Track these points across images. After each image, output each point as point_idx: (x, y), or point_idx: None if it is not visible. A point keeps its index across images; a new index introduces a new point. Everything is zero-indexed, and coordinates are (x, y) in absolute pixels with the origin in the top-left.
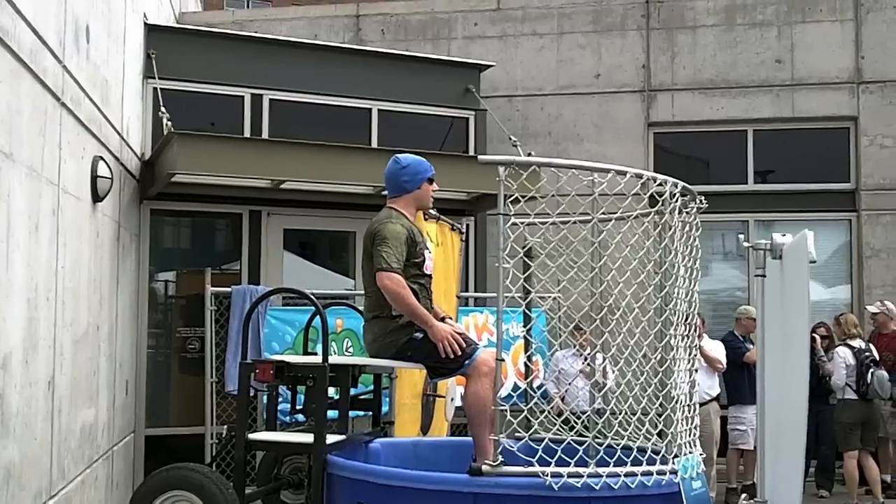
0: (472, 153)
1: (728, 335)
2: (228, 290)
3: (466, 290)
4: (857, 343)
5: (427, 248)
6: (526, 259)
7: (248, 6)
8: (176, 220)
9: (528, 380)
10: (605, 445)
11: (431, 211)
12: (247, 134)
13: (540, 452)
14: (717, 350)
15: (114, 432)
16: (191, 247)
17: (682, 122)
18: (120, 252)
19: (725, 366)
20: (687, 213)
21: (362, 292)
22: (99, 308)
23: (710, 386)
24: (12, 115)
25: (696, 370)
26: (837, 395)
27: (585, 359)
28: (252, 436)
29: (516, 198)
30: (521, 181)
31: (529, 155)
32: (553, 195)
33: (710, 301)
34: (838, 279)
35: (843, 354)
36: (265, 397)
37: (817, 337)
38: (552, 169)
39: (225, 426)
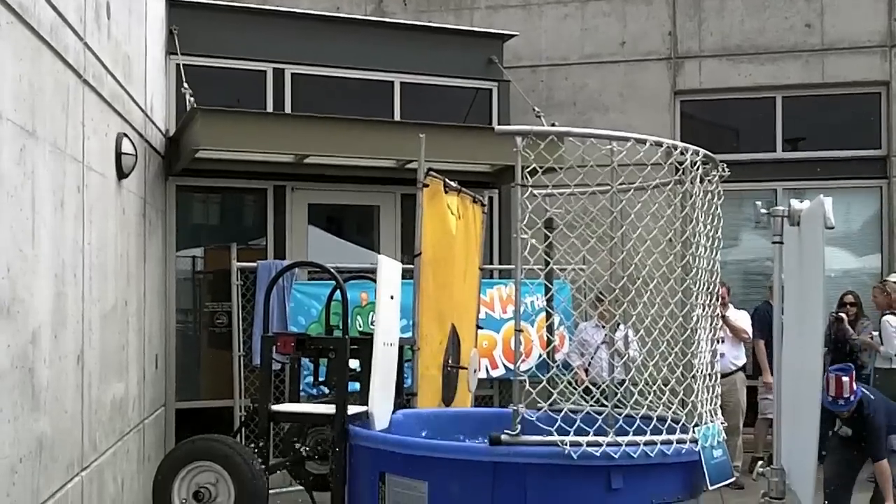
0: (495, 125)
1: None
2: (254, 265)
3: (491, 263)
4: None
5: None
6: (545, 230)
7: None
8: (201, 196)
9: (548, 350)
10: (624, 414)
11: (452, 183)
12: (270, 109)
13: (559, 422)
14: (742, 320)
15: (144, 406)
16: (217, 222)
17: (710, 89)
18: (146, 228)
19: (751, 335)
20: (709, 181)
21: None
22: (126, 284)
23: (737, 356)
24: (34, 92)
25: (722, 340)
26: (883, 364)
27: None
28: (275, 407)
29: (534, 168)
30: (538, 151)
31: (552, 125)
32: (572, 165)
33: (739, 270)
34: (868, 247)
35: (895, 323)
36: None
37: (847, 308)
38: (571, 138)
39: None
